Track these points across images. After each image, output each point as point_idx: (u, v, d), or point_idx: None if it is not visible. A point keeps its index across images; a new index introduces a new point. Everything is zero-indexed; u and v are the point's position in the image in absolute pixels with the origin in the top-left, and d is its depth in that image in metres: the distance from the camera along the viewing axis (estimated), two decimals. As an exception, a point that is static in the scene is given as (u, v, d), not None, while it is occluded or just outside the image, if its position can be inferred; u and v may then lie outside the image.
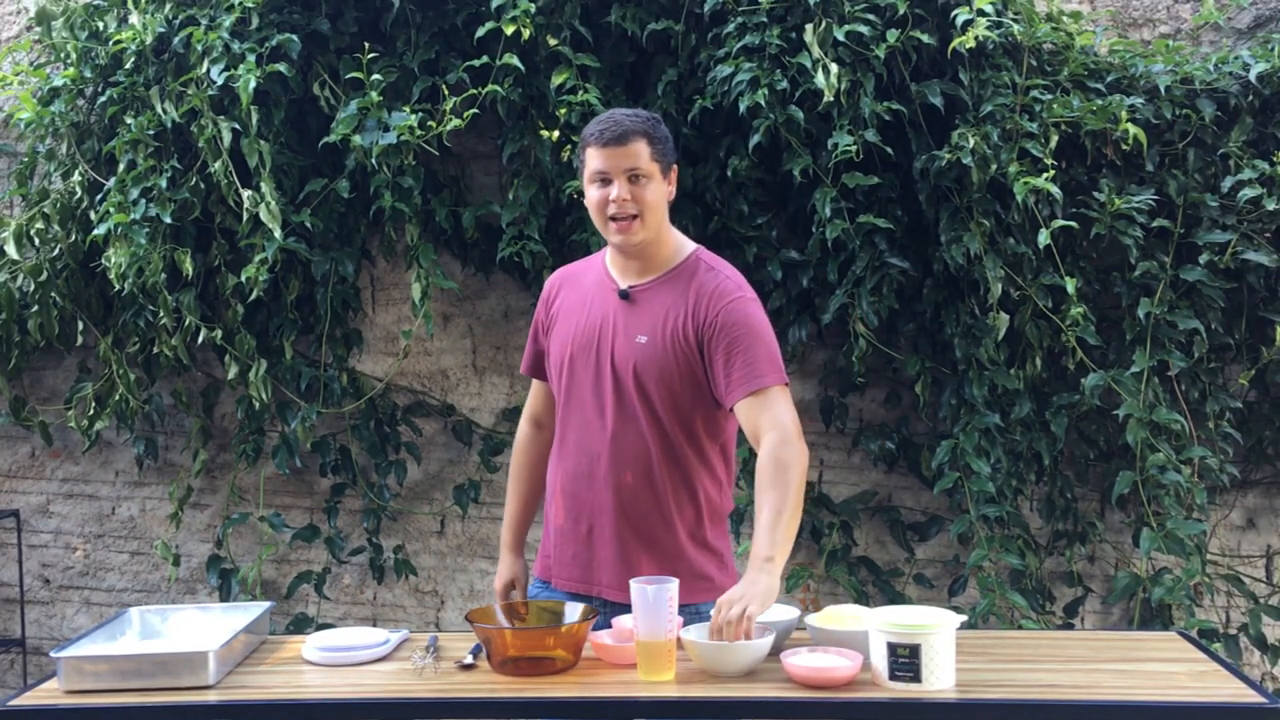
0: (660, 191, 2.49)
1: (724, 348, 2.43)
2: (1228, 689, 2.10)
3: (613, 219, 2.47)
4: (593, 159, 2.47)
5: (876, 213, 3.52)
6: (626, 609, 2.33)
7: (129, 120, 3.69)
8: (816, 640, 2.28)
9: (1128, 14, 3.90)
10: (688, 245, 2.58)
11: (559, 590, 2.57)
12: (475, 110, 3.54)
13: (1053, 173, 3.39)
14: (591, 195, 2.50)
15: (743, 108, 3.43)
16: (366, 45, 3.52)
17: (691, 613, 2.43)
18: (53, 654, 2.23)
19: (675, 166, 2.55)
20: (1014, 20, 3.49)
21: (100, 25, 3.80)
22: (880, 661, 2.12)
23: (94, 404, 3.92)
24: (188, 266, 3.65)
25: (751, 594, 2.22)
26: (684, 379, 2.46)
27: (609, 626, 2.37)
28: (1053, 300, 3.56)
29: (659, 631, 2.16)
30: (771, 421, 2.39)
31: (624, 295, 2.52)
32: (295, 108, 3.73)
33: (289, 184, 3.70)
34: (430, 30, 3.69)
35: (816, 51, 3.41)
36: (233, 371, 3.76)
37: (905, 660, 2.09)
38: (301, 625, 3.95)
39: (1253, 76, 3.53)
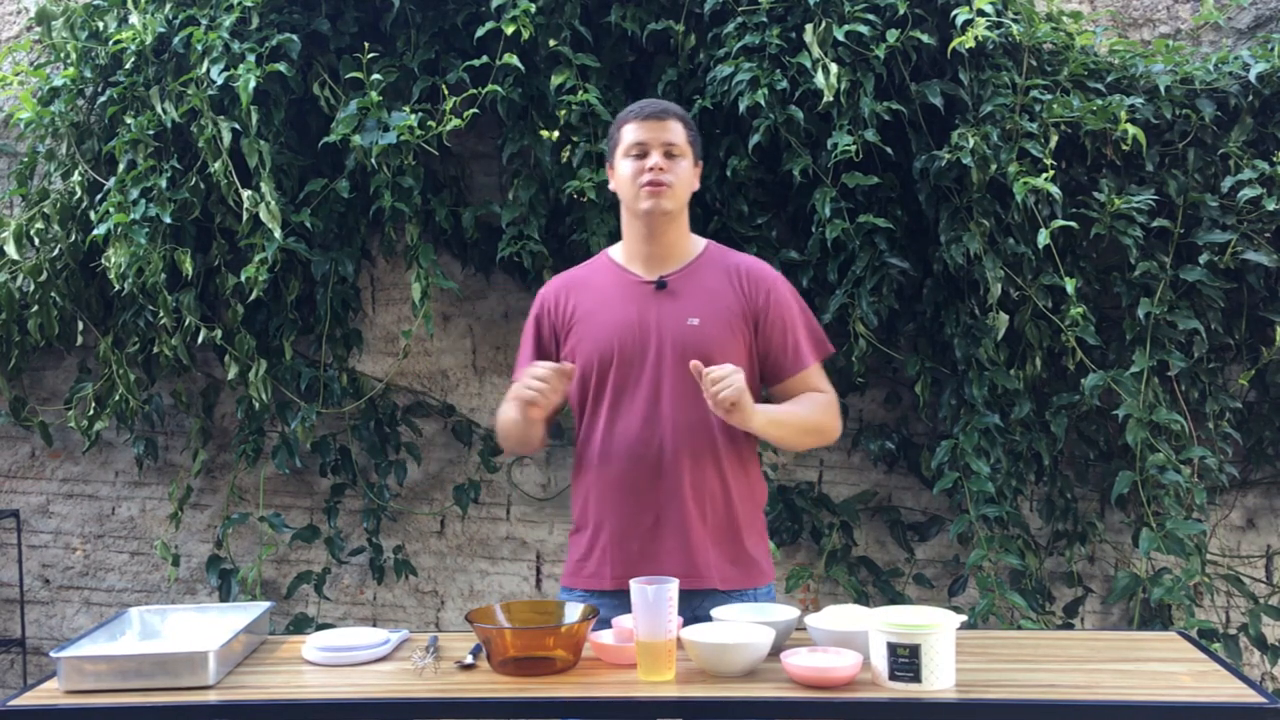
0: (690, 173, 2.58)
1: (779, 328, 2.58)
2: (1228, 689, 2.10)
3: (646, 184, 2.51)
4: (630, 133, 2.54)
5: (876, 213, 3.52)
6: (689, 594, 2.38)
7: (129, 120, 3.68)
8: (816, 640, 2.28)
9: (1128, 14, 3.90)
10: (699, 238, 2.67)
11: (613, 591, 2.53)
12: (475, 110, 3.54)
13: (1052, 173, 3.38)
14: (624, 169, 2.55)
15: (743, 108, 3.43)
16: (366, 45, 3.52)
17: (746, 597, 2.49)
18: (53, 654, 2.23)
19: (700, 163, 2.62)
20: (1014, 20, 3.49)
21: (100, 25, 3.80)
22: (880, 661, 2.12)
23: (94, 404, 3.92)
24: (188, 266, 3.64)
25: (743, 384, 2.36)
26: (739, 354, 2.54)
27: (609, 626, 2.37)
28: (1053, 300, 3.56)
29: (659, 631, 2.16)
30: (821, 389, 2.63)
31: (660, 285, 2.57)
32: (295, 108, 3.72)
33: (289, 184, 3.70)
34: (430, 30, 3.69)
35: (816, 51, 3.41)
36: (233, 371, 3.76)
37: (905, 660, 2.09)
38: (301, 625, 3.95)
39: (1253, 76, 3.53)
